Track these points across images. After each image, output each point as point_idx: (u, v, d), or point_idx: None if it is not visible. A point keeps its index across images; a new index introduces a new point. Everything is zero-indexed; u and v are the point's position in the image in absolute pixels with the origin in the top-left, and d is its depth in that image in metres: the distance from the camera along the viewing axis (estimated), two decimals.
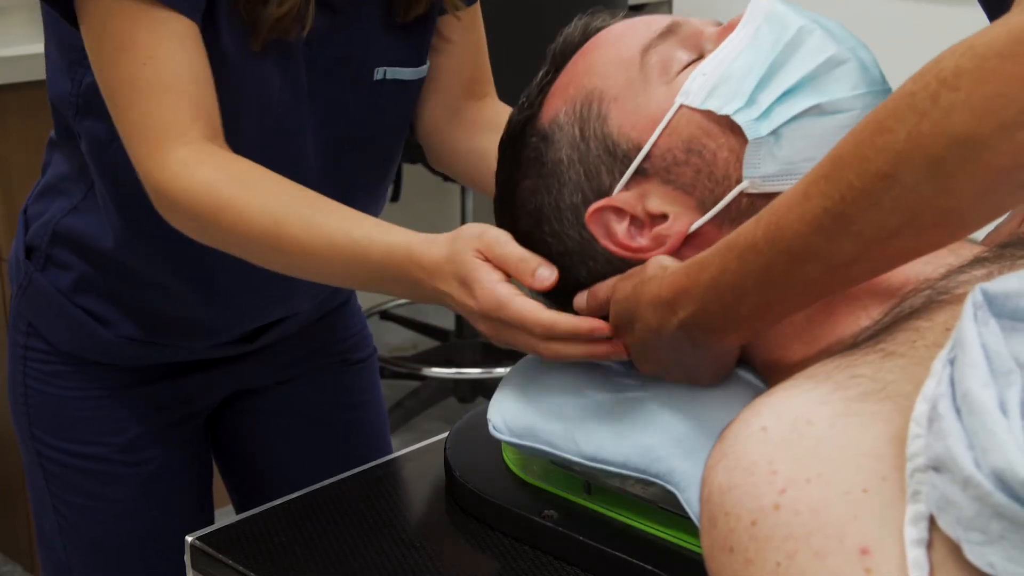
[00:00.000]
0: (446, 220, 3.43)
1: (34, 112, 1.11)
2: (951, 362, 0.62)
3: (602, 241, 0.92)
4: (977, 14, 0.95)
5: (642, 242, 0.91)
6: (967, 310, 0.62)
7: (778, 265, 0.75)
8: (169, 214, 1.05)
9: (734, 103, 0.87)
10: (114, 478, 1.27)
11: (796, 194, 0.73)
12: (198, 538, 1.02)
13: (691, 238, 0.90)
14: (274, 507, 1.07)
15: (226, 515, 1.16)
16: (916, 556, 0.59)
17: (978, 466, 0.56)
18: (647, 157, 0.90)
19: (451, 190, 3.26)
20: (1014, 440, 0.56)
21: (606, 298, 0.92)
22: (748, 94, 0.87)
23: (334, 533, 1.02)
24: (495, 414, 1.00)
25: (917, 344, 0.70)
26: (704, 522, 0.68)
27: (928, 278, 0.80)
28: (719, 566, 0.66)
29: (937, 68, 0.65)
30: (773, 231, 0.74)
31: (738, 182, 0.88)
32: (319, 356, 1.39)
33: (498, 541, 1.00)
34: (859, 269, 0.74)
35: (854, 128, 0.70)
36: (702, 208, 0.89)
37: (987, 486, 0.56)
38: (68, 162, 1.21)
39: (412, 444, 1.18)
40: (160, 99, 1.02)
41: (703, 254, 0.82)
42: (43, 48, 1.20)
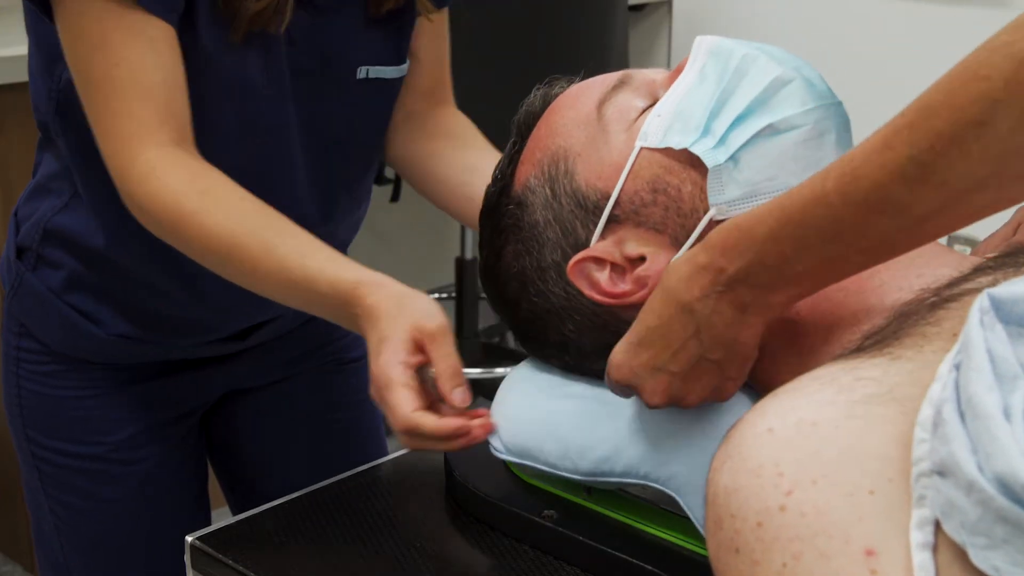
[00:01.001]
0: (446, 220, 3.43)
1: (32, 113, 1.12)
2: (957, 367, 0.62)
3: (587, 292, 0.94)
4: (977, 14, 0.95)
5: (625, 287, 0.93)
6: (973, 315, 0.62)
7: (849, 218, 0.72)
8: (136, 211, 1.08)
9: (690, 136, 0.89)
10: (110, 477, 1.27)
11: (875, 144, 0.70)
12: (198, 538, 1.02)
13: None
14: (274, 507, 1.07)
15: (223, 516, 1.16)
16: (922, 560, 0.59)
17: (981, 471, 0.56)
18: (616, 204, 0.92)
19: None
20: (1017, 445, 0.56)
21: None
22: (702, 126, 0.89)
23: (334, 533, 1.02)
24: (493, 435, 1.00)
25: (924, 349, 0.70)
26: (710, 524, 0.68)
27: (930, 287, 0.80)
28: (725, 567, 0.66)
29: None
30: (847, 182, 0.71)
31: (706, 212, 0.89)
32: (313, 356, 1.39)
33: (498, 541, 1.00)
34: (935, 224, 0.71)
35: (940, 79, 0.68)
36: (676, 244, 0.91)
37: (990, 490, 0.56)
38: (56, 161, 1.21)
39: None
40: (131, 101, 1.04)
41: (753, 211, 0.79)
42: None
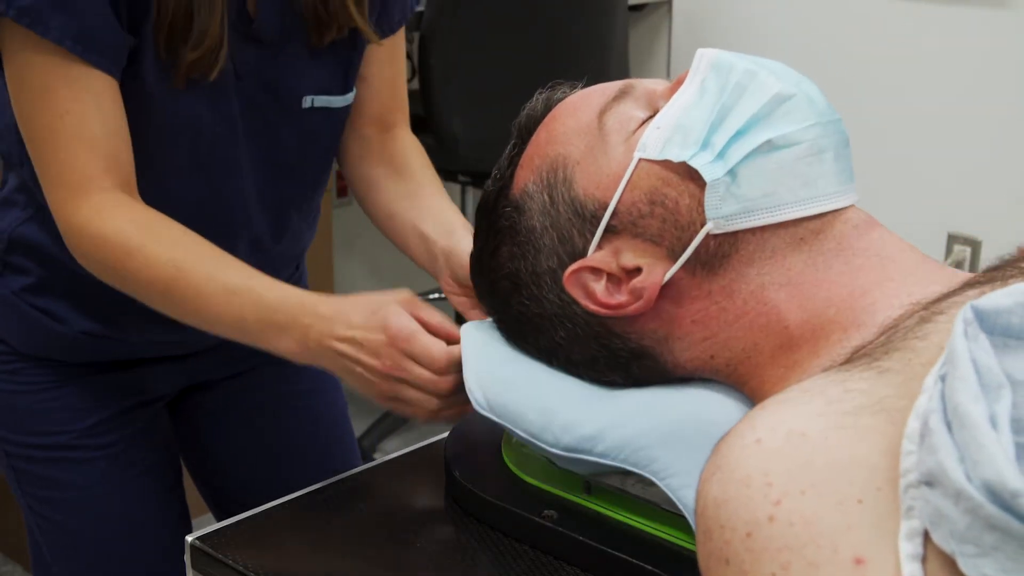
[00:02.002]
0: None
1: None
2: (942, 378, 0.63)
3: (582, 302, 0.94)
4: (977, 14, 0.96)
5: (621, 298, 0.93)
6: (957, 326, 0.63)
7: None
8: (80, 257, 1.11)
9: (689, 150, 0.90)
10: (78, 463, 1.27)
11: None
12: (198, 538, 1.02)
13: (667, 288, 0.91)
14: (274, 507, 1.07)
15: (210, 520, 1.16)
16: (911, 571, 0.60)
17: (969, 479, 0.57)
18: (614, 214, 0.92)
19: (451, 190, 3.26)
20: (1004, 452, 0.56)
21: None
22: (702, 139, 0.89)
23: (334, 533, 1.02)
24: (475, 385, 1.00)
25: (912, 362, 0.70)
26: (700, 535, 0.68)
27: (919, 301, 0.80)
28: None
29: None
30: None
31: (702, 225, 0.89)
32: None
33: (498, 541, 1.00)
34: None
35: None
36: (672, 256, 0.91)
37: (978, 498, 0.56)
38: (18, 180, 1.23)
39: (412, 444, 1.18)
40: (76, 151, 1.07)
41: None
42: None
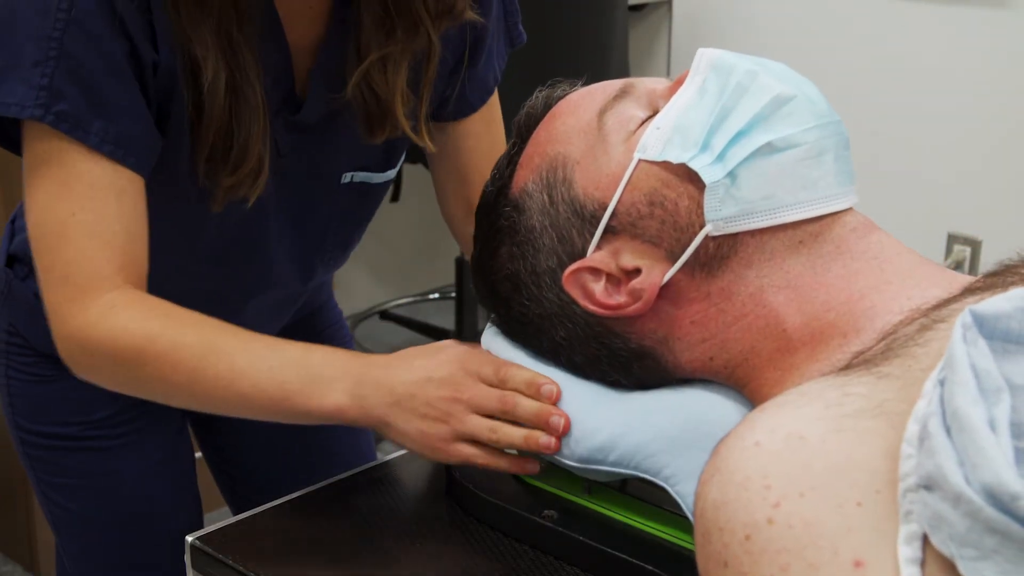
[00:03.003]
0: None
1: None
2: (941, 382, 0.63)
3: (581, 302, 0.95)
4: (977, 14, 0.96)
5: (620, 299, 0.93)
6: (956, 331, 0.63)
7: None
8: (81, 362, 1.04)
9: (689, 151, 0.89)
10: (94, 452, 1.27)
11: None
12: (198, 538, 1.02)
13: (666, 289, 0.91)
14: (274, 507, 1.07)
15: (224, 516, 1.16)
16: (911, 574, 0.60)
17: (969, 482, 0.57)
18: (613, 214, 0.92)
19: None
20: (1003, 456, 0.56)
21: None
22: (701, 141, 0.89)
23: (334, 533, 1.02)
24: None
25: (912, 368, 0.70)
26: (699, 537, 0.68)
27: (919, 305, 0.80)
28: None
29: None
30: None
31: (701, 227, 0.89)
32: (295, 334, 1.39)
33: (498, 541, 1.00)
34: None
35: None
36: (671, 258, 0.91)
37: (978, 501, 0.56)
38: None
39: None
40: (87, 248, 1.01)
41: None
42: None
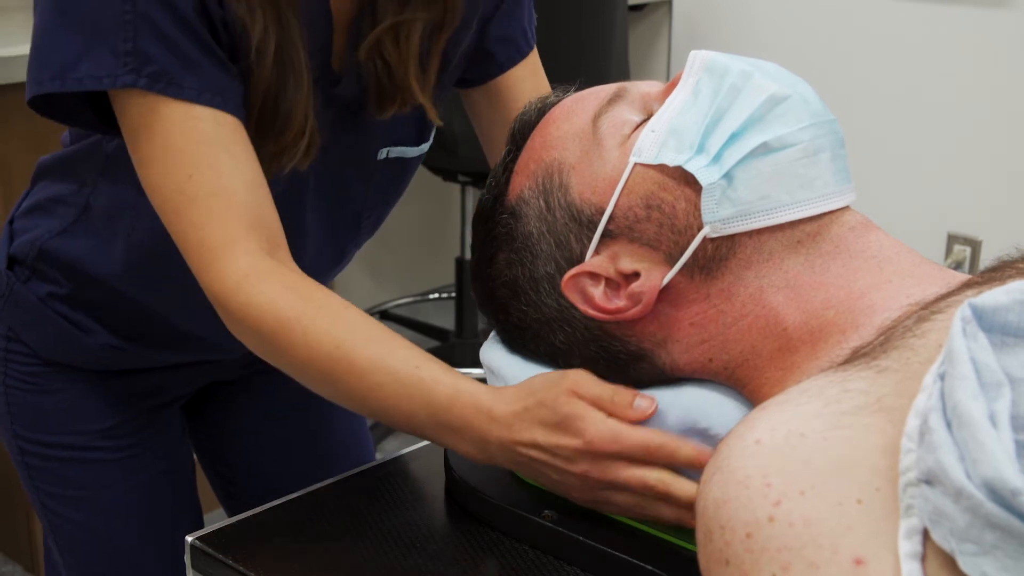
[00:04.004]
0: (446, 220, 3.43)
1: (34, 112, 1.11)
2: (941, 376, 0.63)
3: (581, 307, 0.94)
4: (977, 14, 0.96)
5: (619, 303, 0.93)
6: (956, 325, 0.63)
7: None
8: (234, 327, 1.01)
9: (684, 154, 0.90)
10: (95, 464, 1.27)
11: None
12: (198, 538, 1.02)
13: (665, 292, 0.91)
14: (274, 507, 1.07)
15: (219, 517, 1.16)
16: (911, 570, 0.60)
17: (969, 477, 0.57)
18: (611, 219, 0.92)
19: (451, 190, 3.26)
20: (1004, 450, 0.56)
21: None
22: (697, 143, 0.89)
23: (334, 533, 1.02)
24: None
25: (911, 361, 0.70)
26: (700, 536, 0.68)
27: (918, 302, 0.80)
28: None
29: None
30: None
31: (699, 229, 0.89)
32: None
33: (498, 541, 1.00)
34: None
35: None
36: (670, 261, 0.91)
37: (979, 496, 0.56)
38: (61, 187, 1.21)
39: (412, 444, 1.18)
40: (212, 207, 0.98)
41: None
42: None
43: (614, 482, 0.91)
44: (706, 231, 0.89)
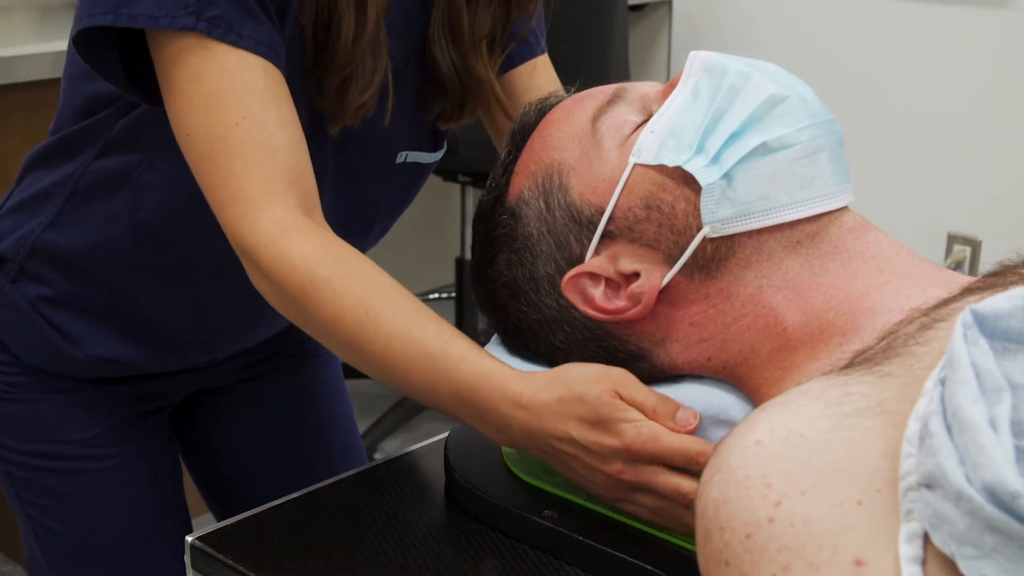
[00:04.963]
0: (446, 220, 3.43)
1: (34, 112, 1.09)
2: (942, 381, 0.63)
3: (581, 307, 0.95)
4: (977, 14, 0.96)
5: (619, 303, 0.93)
6: (957, 330, 0.63)
7: None
8: (258, 281, 0.99)
9: (684, 154, 0.90)
10: (79, 474, 1.25)
11: None
12: (198, 538, 1.02)
13: (665, 292, 0.92)
14: (274, 507, 1.07)
15: (208, 522, 1.16)
16: (911, 573, 0.60)
17: (969, 481, 0.57)
18: (610, 219, 0.93)
19: (451, 190, 3.26)
20: (1004, 454, 0.56)
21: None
22: (696, 143, 0.90)
23: (334, 533, 1.02)
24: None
25: (913, 367, 0.70)
26: (699, 537, 0.68)
27: (919, 308, 0.80)
28: None
29: None
30: None
31: (699, 229, 0.90)
32: (284, 350, 1.39)
33: (498, 541, 1.00)
34: None
35: None
36: (670, 261, 0.91)
37: (979, 500, 0.56)
38: (46, 179, 1.19)
39: (412, 444, 1.18)
40: (256, 157, 0.97)
41: None
42: (43, 48, 1.19)
43: (646, 484, 0.90)
44: (705, 231, 0.89)
